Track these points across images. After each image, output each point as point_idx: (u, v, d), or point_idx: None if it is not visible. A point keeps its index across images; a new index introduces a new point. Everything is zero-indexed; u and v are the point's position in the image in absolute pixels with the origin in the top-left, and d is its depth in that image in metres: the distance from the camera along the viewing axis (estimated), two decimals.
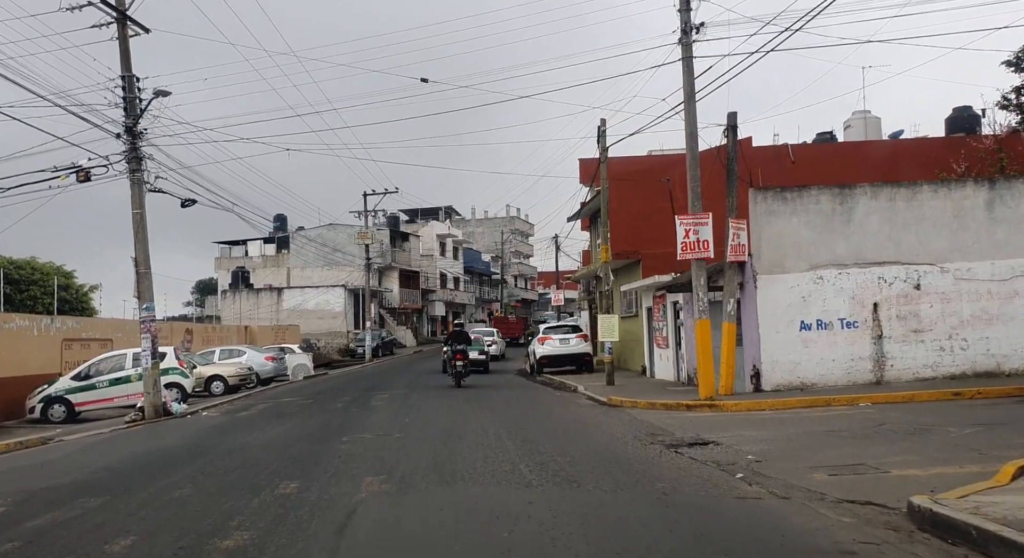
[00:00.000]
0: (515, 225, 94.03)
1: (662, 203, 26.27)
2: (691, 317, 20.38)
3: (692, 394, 17.26)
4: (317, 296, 53.12)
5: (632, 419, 13.43)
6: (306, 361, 35.82)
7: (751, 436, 11.02)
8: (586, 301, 43.41)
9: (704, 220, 15.11)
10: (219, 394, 25.29)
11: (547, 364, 26.92)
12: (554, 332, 27.41)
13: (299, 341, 47.45)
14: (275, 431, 13.17)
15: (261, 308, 53.62)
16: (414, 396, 19.52)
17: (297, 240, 57.88)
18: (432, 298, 66.98)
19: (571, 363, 26.94)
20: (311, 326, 52.52)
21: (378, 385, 25.29)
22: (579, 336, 27.05)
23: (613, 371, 21.25)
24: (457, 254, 74.94)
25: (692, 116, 15.12)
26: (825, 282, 16.08)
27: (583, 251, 54.52)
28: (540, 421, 13.42)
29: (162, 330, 31.57)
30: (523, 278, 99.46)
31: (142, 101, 16.90)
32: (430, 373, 30.85)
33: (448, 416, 14.36)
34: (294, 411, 17.01)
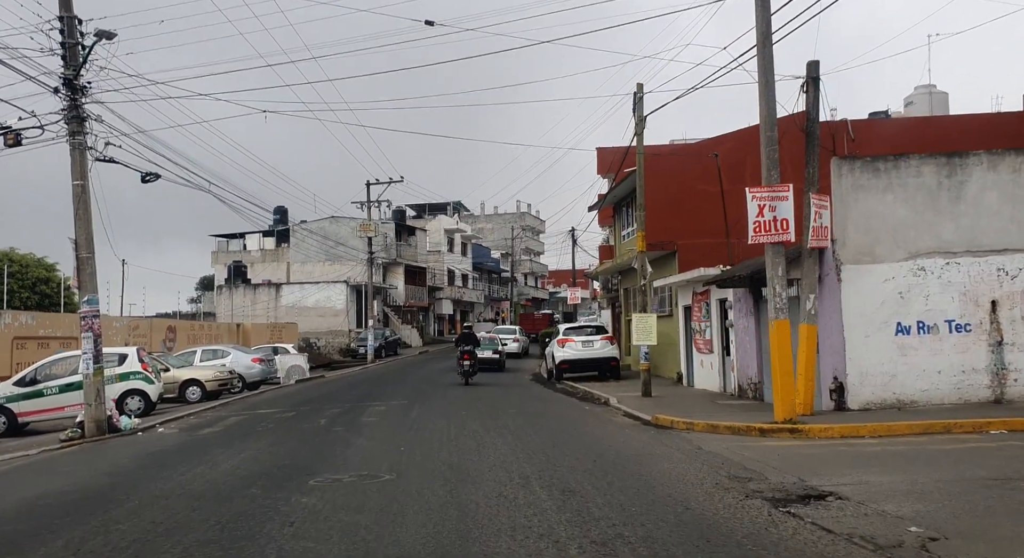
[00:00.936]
0: (526, 221, 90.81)
1: (702, 187, 23.09)
2: (745, 317, 17.20)
3: (754, 412, 14.09)
4: (317, 292, 50.09)
5: (697, 450, 10.24)
6: (301, 363, 32.79)
7: (882, 484, 7.84)
8: (606, 299, 40.18)
9: (783, 193, 11.90)
10: (195, 401, 22.22)
11: (568, 369, 23.76)
12: (576, 333, 24.23)
13: (296, 340, 44.48)
14: (229, 463, 10.03)
15: (258, 305, 50.66)
16: (415, 410, 16.37)
17: (298, 233, 54.87)
18: (439, 296, 63.88)
19: (595, 368, 23.78)
20: (311, 324, 49.53)
21: (376, 393, 22.18)
22: (604, 338, 23.85)
23: (650, 380, 18.05)
24: (466, 250, 71.82)
25: (768, 61, 11.91)
26: (928, 274, 12.86)
27: (600, 247, 51.37)
28: (576, 451, 10.24)
29: (140, 327, 28.62)
30: (534, 276, 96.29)
31: (84, 48, 13.80)
32: (436, 378, 27.73)
33: (456, 442, 11.20)
34: (267, 429, 13.89)
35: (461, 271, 69.67)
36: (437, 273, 63.62)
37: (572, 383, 22.80)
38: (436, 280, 63.27)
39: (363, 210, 43.52)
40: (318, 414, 16.09)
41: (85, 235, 14.14)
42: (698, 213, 22.66)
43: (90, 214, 14.15)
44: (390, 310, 54.50)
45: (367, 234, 42.90)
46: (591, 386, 21.33)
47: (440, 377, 28.28)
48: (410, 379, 27.83)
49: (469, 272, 72.20)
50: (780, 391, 11.81)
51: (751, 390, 16.87)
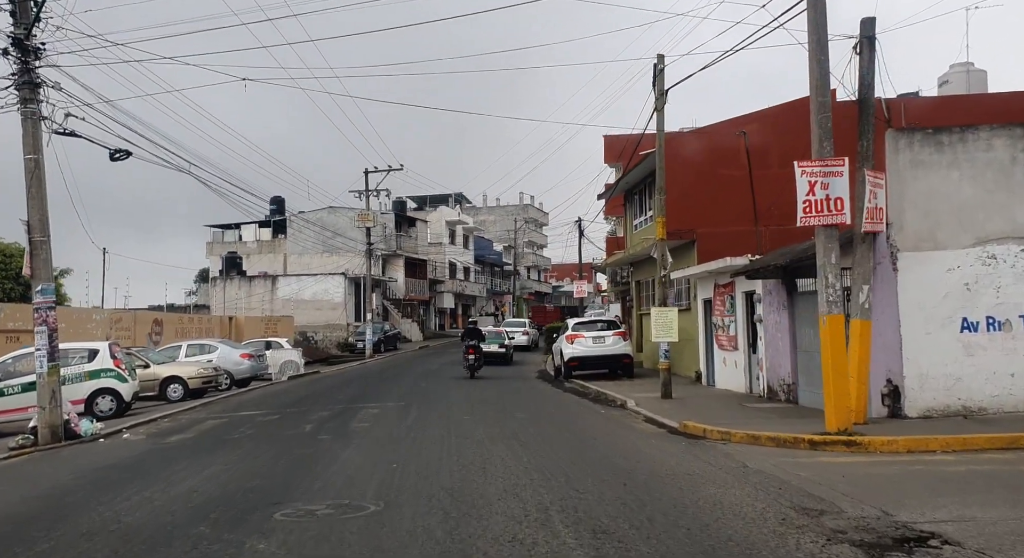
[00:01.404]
0: (529, 213, 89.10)
1: (723, 172, 21.44)
2: (777, 311, 15.58)
3: (793, 418, 12.50)
4: (314, 285, 48.48)
5: (742, 469, 8.63)
6: (295, 357, 31.25)
7: (992, 521, 6.25)
8: (613, 293, 38.56)
9: (837, 168, 10.26)
10: (177, 399, 20.65)
11: (578, 367, 22.16)
12: (586, 328, 22.59)
13: (292, 334, 42.93)
14: (187, 483, 8.43)
15: (254, 297, 49.08)
16: (412, 412, 14.78)
17: (295, 224, 53.22)
18: (440, 289, 62.28)
19: (606, 366, 22.18)
20: (308, 317, 47.94)
21: (371, 392, 20.62)
22: (616, 333, 22.23)
23: (670, 381, 16.44)
24: (468, 243, 70.17)
25: (820, 14, 10.26)
26: (1000, 262, 11.23)
27: (607, 238, 49.77)
28: (600, 470, 8.64)
29: (123, 320, 27.05)
30: (537, 269, 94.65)
31: (36, 4, 12.16)
32: (436, 374, 26.15)
33: (458, 456, 9.59)
34: (244, 436, 12.30)
35: (463, 264, 68.06)
36: (438, 266, 62.03)
37: (582, 382, 21.21)
38: (437, 273, 61.67)
39: (361, 200, 41.90)
40: (305, 417, 14.50)
41: (39, 216, 12.53)
42: (719, 200, 21.03)
43: (44, 193, 12.54)
44: (389, 304, 52.92)
45: (365, 224, 41.29)
46: (603, 385, 19.73)
47: (441, 374, 26.69)
48: (409, 376, 26.24)
49: (471, 265, 70.59)
50: (833, 396, 10.19)
51: (783, 392, 15.27)
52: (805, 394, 14.66)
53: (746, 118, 21.35)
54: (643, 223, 26.30)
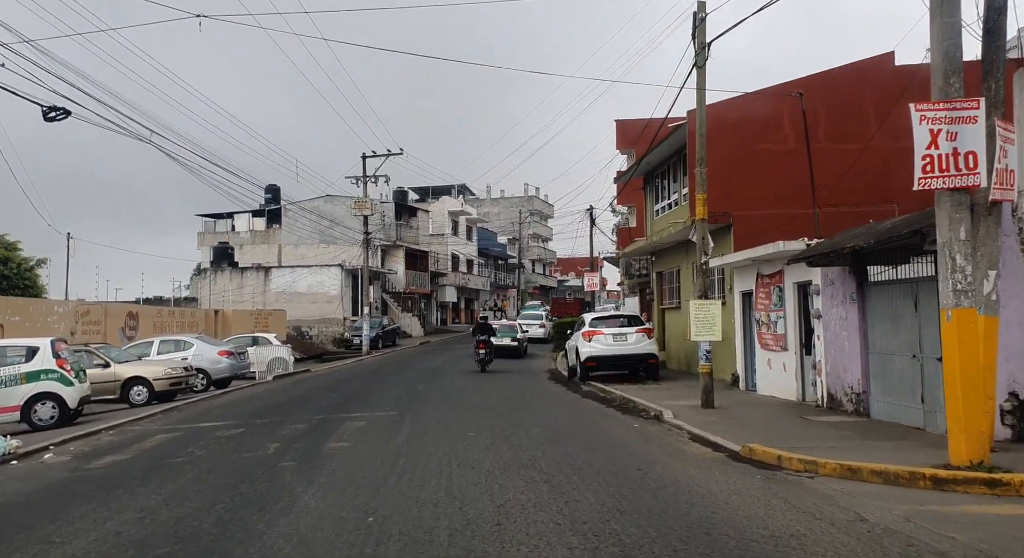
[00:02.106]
0: (534, 205, 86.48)
1: (763, 147, 18.83)
2: (843, 305, 13.00)
3: (876, 437, 10.01)
4: (309, 276, 45.96)
5: (862, 526, 6.07)
6: (283, 354, 28.72)
7: None
8: (628, 286, 35.98)
9: (969, 111, 7.68)
10: (140, 403, 18.15)
11: (595, 367, 19.63)
12: (605, 324, 20.01)
13: (284, 329, 40.48)
14: (67, 549, 5.86)
15: (245, 290, 46.60)
16: (406, 426, 12.24)
17: (290, 214, 50.67)
18: (442, 282, 59.74)
19: (628, 366, 19.66)
20: (302, 311, 45.47)
21: (362, 396, 18.11)
22: (640, 330, 19.65)
23: (712, 387, 13.88)
24: (471, 234, 67.60)
25: None
26: None
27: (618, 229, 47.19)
28: (663, 527, 6.08)
29: (92, 313, 24.53)
30: (542, 263, 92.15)
31: None
32: (437, 374, 23.62)
33: (461, 503, 7.02)
34: (188, 460, 9.76)
35: (466, 256, 65.50)
36: (440, 258, 59.47)
37: (601, 385, 18.67)
38: (439, 265, 59.13)
39: (358, 186, 39.34)
40: (275, 431, 11.96)
41: None
42: (758, 179, 18.44)
43: None
44: (389, 297, 50.40)
45: (362, 212, 38.73)
46: (627, 390, 17.19)
47: (442, 373, 24.15)
48: (407, 376, 23.71)
49: (474, 257, 68.05)
50: (964, 417, 7.62)
51: (850, 401, 12.72)
52: (879, 405, 12.12)
53: (791, 85, 18.70)
54: (666, 208, 23.73)
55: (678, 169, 22.30)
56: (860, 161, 16.70)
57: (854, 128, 17.82)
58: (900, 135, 9.97)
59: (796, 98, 17.22)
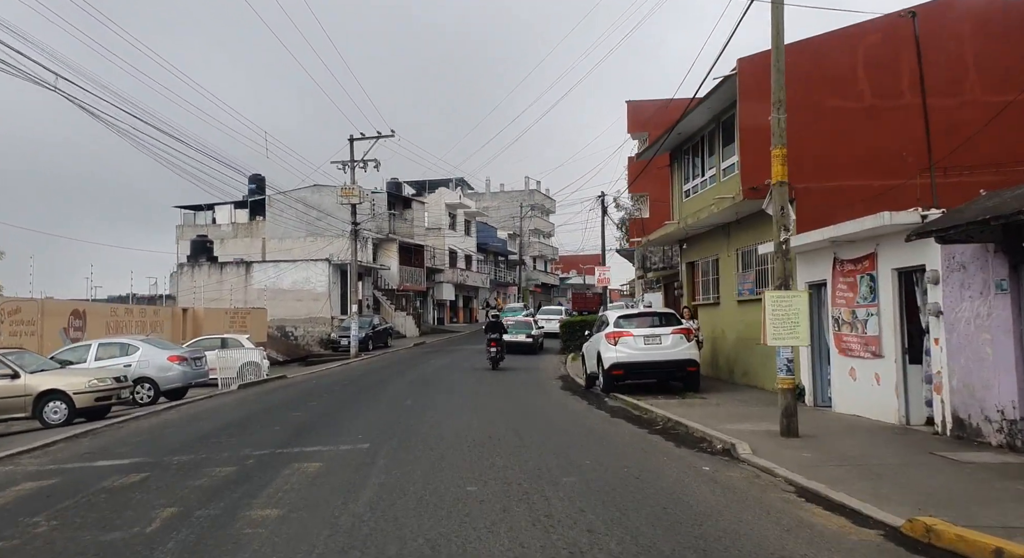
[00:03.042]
0: (535, 199, 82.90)
1: (833, 103, 15.22)
2: (981, 298, 9.41)
3: None
4: (295, 272, 42.37)
5: None
6: (256, 358, 25.24)
7: None
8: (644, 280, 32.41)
9: None
10: (58, 423, 14.58)
11: (624, 376, 16.07)
12: (635, 324, 16.41)
13: (265, 329, 36.91)
14: None
15: (225, 286, 43.00)
16: (378, 470, 8.67)
17: (275, 205, 47.08)
18: (439, 279, 56.15)
19: (664, 375, 16.13)
20: (287, 309, 41.92)
21: (333, 413, 14.55)
22: (677, 331, 16.06)
23: (795, 409, 10.30)
24: (469, 229, 64.01)
25: None
26: None
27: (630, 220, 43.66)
28: None
29: (23, 311, 20.91)
30: (543, 259, 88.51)
31: None
32: (430, 383, 20.07)
33: None
34: (7, 549, 6.14)
35: (464, 252, 61.91)
36: (437, 253, 55.90)
37: (630, 398, 15.12)
38: (436, 261, 55.56)
39: (345, 172, 35.75)
40: (184, 481, 8.35)
41: None
42: (829, 142, 14.86)
43: None
44: (381, 294, 46.82)
45: (350, 200, 35.12)
46: (667, 406, 13.65)
47: (436, 382, 20.58)
48: (394, 385, 20.14)
49: (473, 253, 64.45)
50: None
51: (998, 430, 9.16)
52: None
53: (865, 27, 15.06)
54: (699, 187, 20.17)
55: (716, 139, 18.73)
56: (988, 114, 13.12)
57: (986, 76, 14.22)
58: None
59: (882, 38, 13.62)
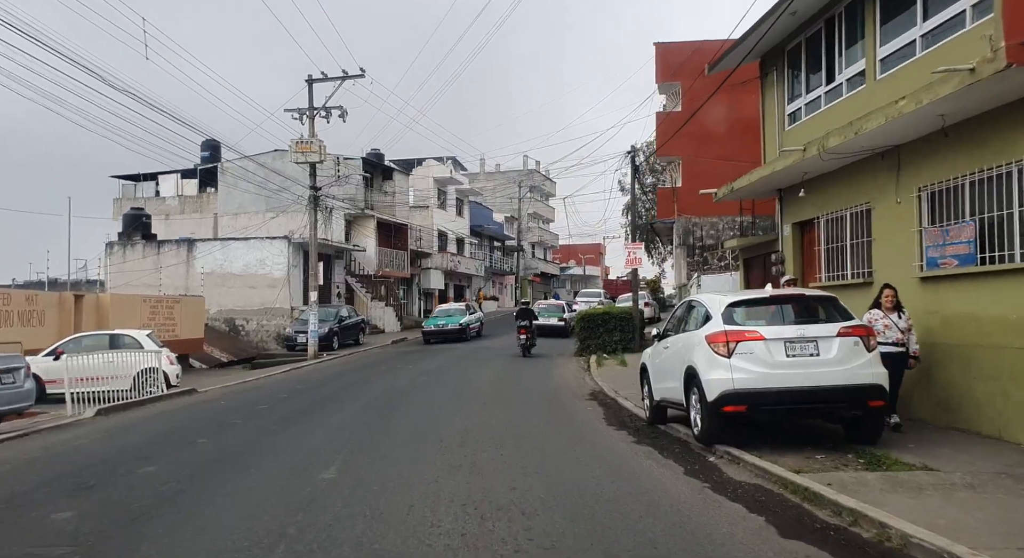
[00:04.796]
0: (533, 181, 75.09)
1: None
2: None
3: None
4: (247, 253, 34.69)
5: None
6: (158, 363, 17.98)
7: None
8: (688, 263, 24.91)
9: None
10: None
11: (749, 413, 8.46)
12: (763, 317, 8.80)
13: (202, 321, 29.37)
14: None
15: (165, 269, 35.30)
16: None
17: (228, 174, 39.36)
18: (426, 264, 48.52)
19: (819, 409, 8.58)
20: (238, 298, 34.34)
21: (197, 487, 6.92)
22: (848, 331, 8.43)
23: None
24: (462, 208, 56.35)
25: None
26: None
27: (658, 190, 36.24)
28: None
29: None
30: (542, 246, 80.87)
31: None
32: (397, 405, 12.51)
33: None
34: None
35: (455, 234, 54.22)
36: (423, 234, 48.24)
37: (757, 458, 7.75)
38: (422, 244, 47.91)
39: (303, 123, 28.09)
40: None
41: None
42: None
43: None
44: (355, 280, 39.17)
45: (307, 158, 27.46)
46: (858, 486, 6.24)
47: (405, 408, 13.03)
48: (333, 416, 12.63)
49: (466, 236, 56.78)
50: None
51: None
52: None
53: None
54: (828, 97, 12.64)
55: (860, 13, 11.19)
56: None
57: None
58: None
59: None
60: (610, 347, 24.19)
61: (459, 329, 30.83)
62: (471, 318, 32.62)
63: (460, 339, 30.49)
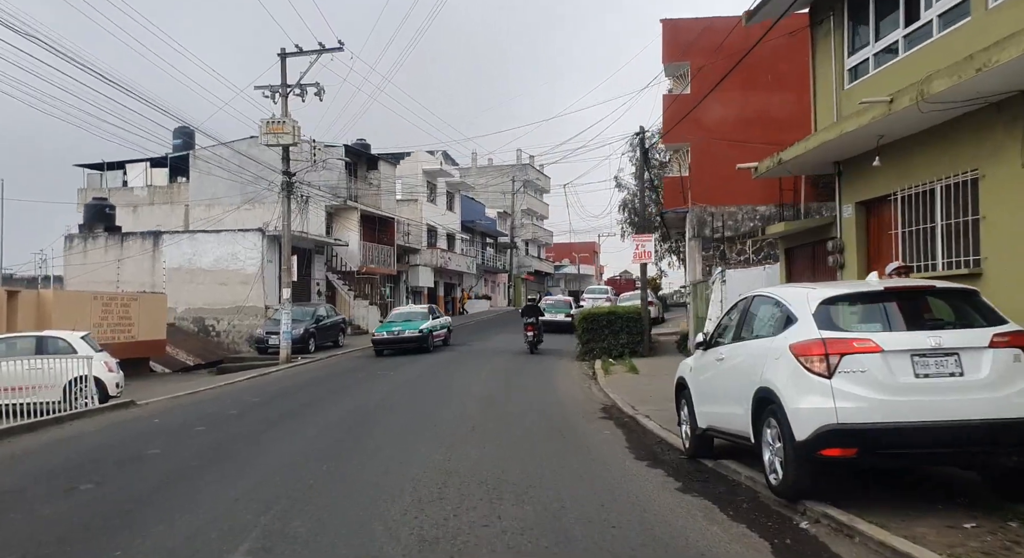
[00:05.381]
0: (527, 175, 72.42)
1: None
2: None
3: None
4: (218, 246, 31.92)
5: None
6: (93, 371, 15.32)
7: None
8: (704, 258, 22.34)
9: None
10: None
11: (859, 458, 5.80)
12: (877, 319, 6.11)
13: (163, 321, 26.66)
14: None
15: (130, 263, 32.50)
16: None
17: (201, 164, 36.56)
18: (414, 261, 45.79)
19: (971, 453, 5.88)
20: (208, 295, 31.62)
21: None
22: (1004, 339, 5.80)
23: None
24: (452, 203, 53.60)
25: None
26: None
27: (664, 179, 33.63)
28: None
29: None
30: (536, 244, 78.17)
31: None
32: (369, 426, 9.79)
33: None
34: None
35: (446, 229, 51.47)
36: (411, 229, 45.50)
37: (873, 526, 5.06)
38: (410, 239, 45.17)
39: (275, 102, 25.34)
40: None
41: None
42: None
43: None
44: (337, 277, 36.41)
45: (278, 139, 24.70)
46: None
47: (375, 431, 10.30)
48: (280, 447, 9.93)
49: (457, 232, 54.04)
50: None
51: None
52: None
53: None
54: (899, 46, 9.99)
55: None
56: None
57: None
58: None
59: None
60: (616, 351, 21.61)
61: (418, 337, 24.96)
62: (434, 324, 26.60)
63: (421, 349, 24.85)
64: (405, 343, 24.81)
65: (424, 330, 25.29)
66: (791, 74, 21.02)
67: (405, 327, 25.32)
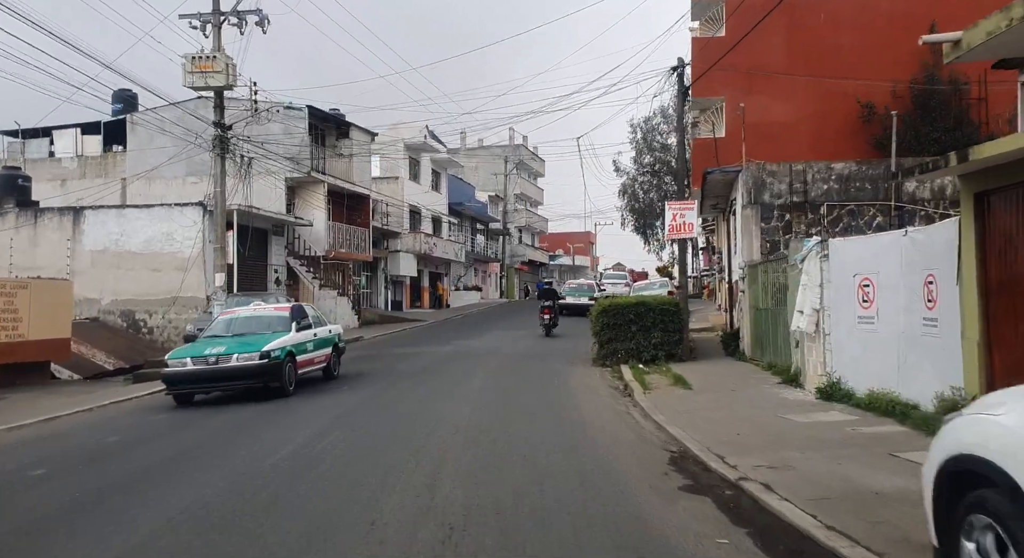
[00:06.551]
0: (520, 155, 66.83)
1: None
2: None
3: None
4: (150, 225, 26.29)
5: None
6: None
7: None
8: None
9: None
10: None
11: None
12: None
13: (68, 314, 21.13)
14: None
15: (46, 245, 26.84)
16: None
17: (140, 130, 30.92)
18: (395, 247, 40.19)
19: None
20: (140, 284, 26.10)
21: None
22: None
23: None
24: (439, 182, 48.01)
25: None
26: None
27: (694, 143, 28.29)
28: None
29: None
30: (529, 232, 72.69)
31: None
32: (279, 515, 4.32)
33: None
34: None
35: (431, 211, 45.85)
36: (391, 210, 39.87)
37: None
38: (390, 221, 39.55)
39: (206, 35, 19.71)
40: None
41: None
42: None
43: None
44: (299, 263, 30.79)
45: (207, 80, 19.12)
46: None
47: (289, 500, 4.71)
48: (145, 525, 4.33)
49: (444, 215, 48.43)
50: None
51: None
52: None
53: None
54: None
55: None
56: None
57: None
58: None
59: None
60: (648, 353, 16.30)
61: (257, 369, 13.02)
62: (301, 340, 14.28)
63: (267, 389, 13.25)
64: (229, 378, 13.12)
65: (270, 354, 13.14)
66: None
67: (231, 350, 13.19)
